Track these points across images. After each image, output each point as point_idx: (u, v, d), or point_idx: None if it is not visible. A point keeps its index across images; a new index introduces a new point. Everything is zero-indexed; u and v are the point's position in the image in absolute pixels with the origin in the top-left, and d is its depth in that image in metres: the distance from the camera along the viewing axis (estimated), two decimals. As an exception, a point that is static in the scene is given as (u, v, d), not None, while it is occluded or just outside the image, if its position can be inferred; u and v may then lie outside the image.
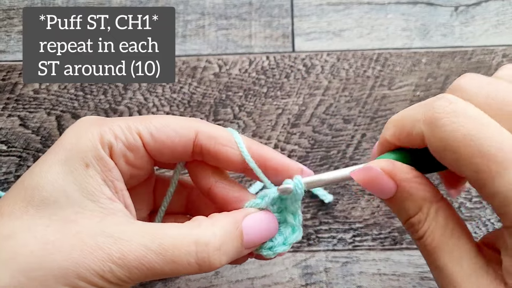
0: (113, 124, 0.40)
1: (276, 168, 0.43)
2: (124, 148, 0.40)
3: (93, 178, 0.38)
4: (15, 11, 0.66)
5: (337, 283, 0.56)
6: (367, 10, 0.65)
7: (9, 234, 0.35)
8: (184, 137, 0.41)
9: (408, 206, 0.38)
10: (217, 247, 0.38)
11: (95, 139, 0.39)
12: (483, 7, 0.64)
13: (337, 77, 0.62)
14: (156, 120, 0.41)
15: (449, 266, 0.36)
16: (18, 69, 0.63)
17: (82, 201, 0.37)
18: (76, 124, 0.41)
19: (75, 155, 0.38)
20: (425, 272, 0.56)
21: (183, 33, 0.65)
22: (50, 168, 0.38)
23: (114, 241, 0.36)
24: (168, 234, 0.37)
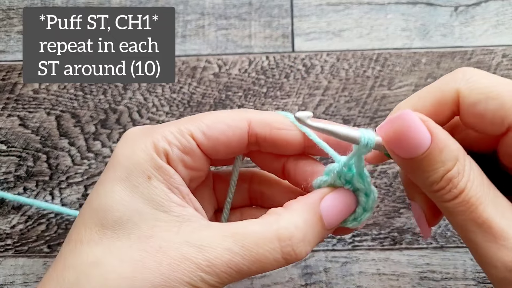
0: (163, 130, 0.39)
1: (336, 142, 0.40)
2: (180, 152, 0.39)
3: (158, 188, 0.37)
4: (14, 11, 0.66)
5: (337, 283, 0.56)
6: (367, 10, 0.65)
7: (95, 261, 0.35)
8: (238, 129, 0.40)
9: (446, 158, 0.34)
10: (301, 239, 0.37)
11: (150, 149, 0.38)
12: (483, 7, 0.64)
13: (336, 77, 0.63)
14: (206, 118, 0.41)
15: (497, 219, 0.34)
16: (17, 69, 0.63)
17: (154, 214, 0.37)
18: (125, 137, 0.41)
19: (134, 169, 0.38)
20: (425, 272, 0.56)
21: (182, 33, 0.65)
22: (114, 187, 0.37)
23: (199, 250, 0.35)
24: (249, 233, 0.36)
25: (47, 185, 0.60)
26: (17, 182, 0.60)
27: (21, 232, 0.59)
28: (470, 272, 0.56)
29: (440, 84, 0.37)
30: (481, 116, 0.35)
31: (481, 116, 0.35)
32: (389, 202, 0.58)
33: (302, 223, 0.37)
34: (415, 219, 0.45)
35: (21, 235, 0.59)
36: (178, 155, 0.39)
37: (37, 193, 0.60)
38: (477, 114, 0.35)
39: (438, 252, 0.57)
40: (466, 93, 0.35)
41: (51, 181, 0.60)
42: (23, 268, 0.58)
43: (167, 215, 0.37)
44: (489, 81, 0.35)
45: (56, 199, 0.59)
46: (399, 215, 0.58)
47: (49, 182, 0.60)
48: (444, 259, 0.56)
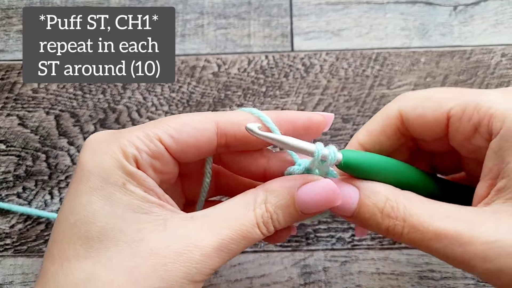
0: (130, 136, 0.39)
1: (304, 127, 0.42)
2: (149, 158, 0.39)
3: (135, 192, 0.37)
4: (13, 10, 0.66)
5: (336, 282, 0.56)
6: (366, 10, 0.65)
7: (87, 277, 0.34)
8: (206, 131, 0.40)
9: (376, 200, 0.39)
10: (272, 215, 0.38)
11: (119, 156, 0.37)
12: (482, 6, 0.64)
13: (336, 77, 0.63)
14: (173, 122, 0.40)
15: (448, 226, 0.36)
16: (17, 68, 0.63)
17: (137, 218, 0.36)
18: (89, 144, 0.39)
19: (107, 177, 0.37)
20: (424, 271, 0.56)
21: (182, 33, 0.65)
22: (91, 199, 0.36)
23: (189, 242, 0.36)
24: (233, 217, 0.38)
25: (46, 184, 0.60)
26: (16, 182, 0.60)
27: (20, 231, 0.59)
28: (469, 271, 0.56)
29: (383, 109, 0.43)
30: (423, 116, 0.41)
31: (423, 116, 0.41)
32: (388, 201, 0.58)
33: (274, 204, 0.39)
34: None
35: (20, 234, 0.59)
36: (147, 160, 0.39)
37: (36, 192, 0.59)
38: (419, 116, 0.41)
39: (437, 251, 0.57)
40: (405, 104, 0.42)
41: (50, 180, 0.60)
42: (22, 268, 0.57)
43: (149, 216, 0.37)
44: (423, 91, 0.43)
45: (55, 198, 0.59)
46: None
47: (48, 181, 0.60)
48: (443, 258, 0.57)
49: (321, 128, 0.43)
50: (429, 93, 0.42)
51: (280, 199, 0.39)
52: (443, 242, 0.36)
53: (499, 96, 0.39)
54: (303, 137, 0.41)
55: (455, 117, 0.40)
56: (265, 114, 0.41)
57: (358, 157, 0.40)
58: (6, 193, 0.60)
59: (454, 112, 0.40)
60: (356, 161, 0.40)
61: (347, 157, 0.39)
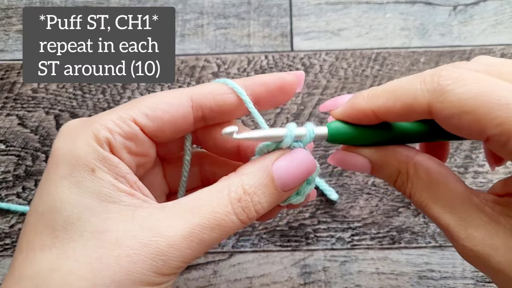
0: (103, 119, 0.38)
1: (277, 88, 0.41)
2: (122, 139, 0.38)
3: (104, 180, 0.36)
4: (13, 10, 0.66)
5: (336, 282, 0.56)
6: (366, 10, 0.65)
7: (51, 267, 0.34)
8: (181, 106, 0.39)
9: (388, 173, 0.39)
10: (249, 200, 0.37)
11: (91, 140, 0.37)
12: (482, 6, 0.64)
13: (335, 76, 0.63)
14: (146, 101, 0.39)
15: (442, 216, 0.36)
16: (16, 68, 0.63)
17: (105, 207, 0.35)
18: (62, 131, 0.39)
19: (77, 164, 0.36)
20: (423, 271, 0.56)
21: (181, 33, 0.65)
22: (59, 187, 0.36)
23: (157, 233, 0.34)
24: (204, 203, 0.36)
25: (46, 184, 0.60)
26: (16, 182, 0.60)
27: (20, 231, 0.59)
28: (469, 271, 0.56)
29: (414, 90, 0.35)
30: (457, 128, 0.34)
31: (457, 128, 0.34)
32: (388, 201, 0.58)
33: (251, 185, 0.37)
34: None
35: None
36: (121, 142, 0.38)
37: (36, 192, 0.60)
38: (452, 126, 0.34)
39: (437, 251, 0.57)
40: (439, 108, 0.34)
41: (50, 180, 0.60)
42: (22, 268, 0.58)
43: (117, 205, 0.36)
44: (463, 92, 0.33)
45: (55, 198, 0.59)
46: (398, 214, 0.58)
47: (48, 181, 0.60)
48: (443, 258, 0.57)
49: (294, 88, 0.42)
50: (468, 102, 0.33)
51: (257, 179, 0.38)
52: (442, 230, 0.37)
53: None
54: (278, 99, 0.42)
55: (497, 144, 0.33)
56: (237, 84, 0.41)
57: (343, 132, 0.39)
58: (5, 193, 0.60)
59: (496, 139, 0.33)
60: (342, 136, 0.39)
61: (332, 134, 0.39)
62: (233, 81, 0.41)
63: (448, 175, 0.37)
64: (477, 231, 0.35)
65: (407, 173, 0.38)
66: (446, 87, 0.33)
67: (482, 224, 0.35)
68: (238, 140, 0.38)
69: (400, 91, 0.36)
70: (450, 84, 0.33)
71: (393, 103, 0.36)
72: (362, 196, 0.59)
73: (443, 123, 0.35)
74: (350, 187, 0.59)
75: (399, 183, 0.39)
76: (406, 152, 0.38)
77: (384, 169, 0.39)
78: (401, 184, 0.38)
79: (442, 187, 0.37)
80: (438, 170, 0.37)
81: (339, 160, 0.40)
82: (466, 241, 0.35)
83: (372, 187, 0.59)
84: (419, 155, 0.38)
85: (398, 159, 0.38)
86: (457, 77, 0.33)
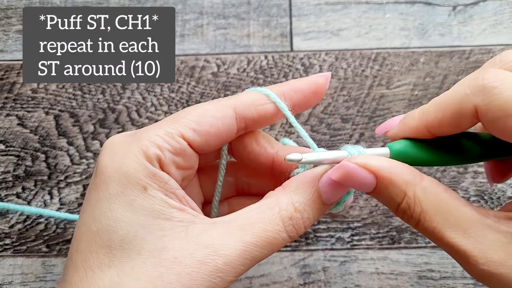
0: (150, 135, 0.38)
1: (312, 93, 0.43)
2: (171, 155, 0.38)
3: (156, 197, 0.36)
4: (13, 10, 0.65)
5: (335, 282, 0.56)
6: (365, 10, 0.65)
7: (112, 286, 0.34)
8: (226, 118, 0.40)
9: (393, 194, 0.37)
10: (299, 217, 0.38)
11: (140, 158, 0.37)
12: (481, 6, 0.64)
13: (335, 77, 0.63)
14: (190, 114, 0.40)
15: (457, 241, 0.35)
16: (16, 68, 0.63)
17: (159, 224, 0.36)
18: (107, 147, 0.39)
19: (128, 182, 0.36)
20: (423, 271, 0.56)
21: (181, 33, 0.65)
22: (112, 206, 0.36)
23: (213, 251, 0.35)
24: (256, 221, 0.37)
25: (46, 184, 0.60)
26: (16, 182, 0.60)
27: (19, 231, 0.59)
28: (469, 271, 0.56)
29: (460, 96, 0.36)
30: (502, 131, 0.34)
31: (502, 132, 0.34)
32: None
33: (300, 202, 0.38)
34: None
35: (20, 234, 0.59)
36: (170, 158, 0.38)
37: (36, 192, 0.59)
38: (497, 129, 0.34)
39: (436, 251, 0.57)
40: (484, 111, 0.34)
41: (49, 180, 0.60)
42: (21, 268, 0.57)
43: (170, 222, 0.36)
44: (510, 95, 0.33)
45: (54, 198, 0.59)
46: (398, 214, 0.58)
47: (47, 181, 0.60)
48: (443, 258, 0.57)
49: (325, 90, 0.43)
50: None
51: (305, 196, 0.38)
52: (456, 256, 0.36)
53: None
54: (311, 103, 0.43)
55: None
56: (273, 93, 0.41)
57: (405, 152, 0.40)
58: (5, 193, 0.60)
59: None
60: (405, 156, 0.40)
61: (394, 155, 0.40)
62: (269, 89, 0.42)
63: (457, 199, 0.36)
64: (496, 253, 0.34)
65: (414, 197, 0.36)
66: (493, 90, 0.33)
67: (501, 245, 0.34)
68: (306, 163, 0.39)
69: (447, 100, 0.37)
70: (497, 87, 0.33)
71: (443, 114, 0.37)
72: (362, 196, 0.59)
73: (489, 126, 0.35)
74: (350, 187, 0.59)
75: (404, 207, 0.36)
76: (413, 174, 0.37)
77: (388, 189, 0.37)
78: (407, 208, 0.36)
79: (453, 212, 0.35)
80: (447, 195, 0.36)
81: (344, 173, 0.37)
82: (486, 265, 0.34)
83: (372, 187, 0.59)
84: (427, 178, 0.37)
85: (405, 180, 0.36)
86: (503, 79, 0.33)
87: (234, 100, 0.41)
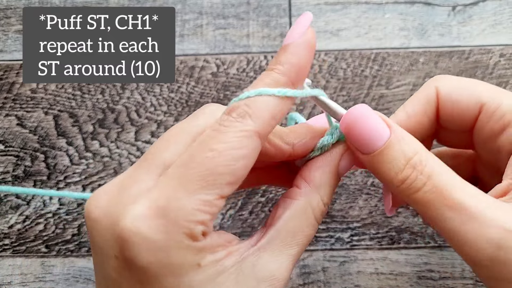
0: (186, 211, 0.32)
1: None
2: (213, 220, 0.34)
3: (208, 266, 0.33)
4: (12, 10, 0.65)
5: (335, 282, 0.56)
6: (365, 10, 0.65)
7: None
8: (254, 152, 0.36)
9: (406, 148, 0.36)
10: (326, 209, 0.38)
11: (185, 241, 0.32)
12: (481, 6, 0.64)
13: (334, 77, 0.63)
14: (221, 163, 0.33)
15: (471, 201, 0.34)
16: (15, 68, 0.63)
17: (214, 281, 0.33)
18: (136, 240, 0.31)
19: (180, 272, 0.32)
20: (423, 271, 0.56)
21: (181, 33, 0.65)
22: None
23: (274, 280, 0.35)
24: (296, 230, 0.37)
25: (45, 185, 0.60)
26: (15, 182, 0.60)
27: (19, 232, 0.59)
28: (468, 271, 0.56)
29: (423, 90, 0.42)
30: (457, 102, 0.40)
31: (457, 102, 0.40)
32: (387, 201, 0.59)
33: (328, 195, 0.38)
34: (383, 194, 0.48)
35: (19, 235, 0.58)
36: (212, 222, 0.34)
37: (35, 193, 0.60)
38: (454, 101, 0.40)
39: (436, 251, 0.57)
40: (443, 86, 0.41)
41: (49, 180, 0.60)
42: (20, 268, 0.57)
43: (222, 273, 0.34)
44: (460, 78, 0.42)
45: (54, 198, 0.59)
46: (397, 215, 0.58)
47: (47, 182, 0.60)
48: (442, 258, 0.57)
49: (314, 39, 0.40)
50: (469, 82, 0.41)
51: (330, 187, 0.38)
52: (459, 215, 0.34)
53: None
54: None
55: (487, 112, 0.39)
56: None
57: None
58: (4, 193, 0.60)
59: (488, 107, 0.39)
60: None
61: None
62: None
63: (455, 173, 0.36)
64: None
65: (425, 154, 0.36)
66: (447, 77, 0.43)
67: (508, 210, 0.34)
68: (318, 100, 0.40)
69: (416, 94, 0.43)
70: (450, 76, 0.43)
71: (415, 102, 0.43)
72: (361, 196, 0.59)
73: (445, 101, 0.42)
74: (349, 187, 0.59)
75: (416, 160, 0.35)
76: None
77: (401, 143, 0.36)
78: (418, 162, 0.35)
79: (458, 177, 0.36)
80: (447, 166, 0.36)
81: (360, 116, 0.36)
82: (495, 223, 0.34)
83: (371, 187, 0.59)
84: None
85: (417, 140, 0.37)
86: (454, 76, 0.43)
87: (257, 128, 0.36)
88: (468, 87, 0.41)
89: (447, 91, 0.41)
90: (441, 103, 0.41)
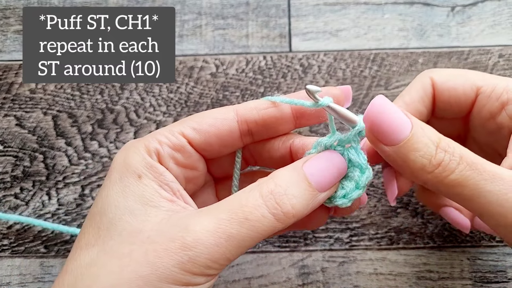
0: (155, 134, 0.41)
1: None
2: (170, 150, 0.40)
3: (148, 186, 0.38)
4: (11, 10, 0.65)
5: (334, 282, 0.56)
6: (364, 10, 0.65)
7: (89, 262, 0.36)
8: (226, 119, 0.41)
9: (430, 136, 0.36)
10: (282, 192, 0.36)
11: (141, 151, 0.39)
12: (480, 7, 0.64)
13: (334, 77, 0.63)
14: (195, 117, 0.42)
15: (503, 171, 0.35)
16: (14, 68, 0.63)
17: (145, 210, 0.37)
18: (122, 147, 0.41)
19: (126, 171, 0.39)
20: (422, 271, 0.56)
21: (180, 33, 0.65)
22: (109, 191, 0.38)
23: (183, 228, 0.35)
24: (233, 199, 0.37)
25: (44, 185, 0.60)
26: (14, 182, 0.60)
27: (17, 232, 0.58)
28: (467, 272, 0.56)
29: (417, 80, 0.46)
30: (454, 88, 0.44)
31: (454, 89, 0.44)
32: (386, 202, 0.59)
33: (283, 181, 0.37)
34: (385, 183, 0.48)
35: (18, 235, 0.58)
36: (169, 153, 0.40)
37: (34, 193, 0.59)
38: (450, 88, 0.44)
39: (435, 252, 0.57)
40: (438, 75, 0.45)
41: (48, 181, 0.60)
42: (19, 269, 0.57)
43: (157, 209, 0.37)
44: (452, 69, 0.46)
45: (53, 199, 0.59)
46: (396, 215, 0.58)
47: (46, 182, 0.60)
48: (441, 259, 0.57)
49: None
50: (461, 71, 0.46)
51: (288, 176, 0.37)
52: (498, 185, 0.35)
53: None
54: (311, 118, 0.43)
55: (484, 94, 0.43)
56: (281, 97, 0.42)
57: None
58: (3, 194, 0.59)
59: (484, 89, 0.43)
60: None
61: None
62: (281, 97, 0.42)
63: None
64: None
65: (448, 140, 0.37)
66: (440, 69, 0.48)
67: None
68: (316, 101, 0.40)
69: (412, 84, 0.47)
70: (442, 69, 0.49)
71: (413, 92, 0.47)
72: (361, 196, 0.59)
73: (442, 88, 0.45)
74: (349, 187, 0.59)
75: (444, 144, 0.36)
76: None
77: (425, 131, 0.36)
78: (447, 146, 0.36)
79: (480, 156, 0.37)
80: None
81: (382, 109, 0.37)
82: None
83: (371, 187, 0.59)
84: None
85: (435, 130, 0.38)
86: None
87: (237, 105, 0.42)
88: (462, 74, 0.45)
89: (442, 79, 0.45)
90: (438, 92, 0.45)
